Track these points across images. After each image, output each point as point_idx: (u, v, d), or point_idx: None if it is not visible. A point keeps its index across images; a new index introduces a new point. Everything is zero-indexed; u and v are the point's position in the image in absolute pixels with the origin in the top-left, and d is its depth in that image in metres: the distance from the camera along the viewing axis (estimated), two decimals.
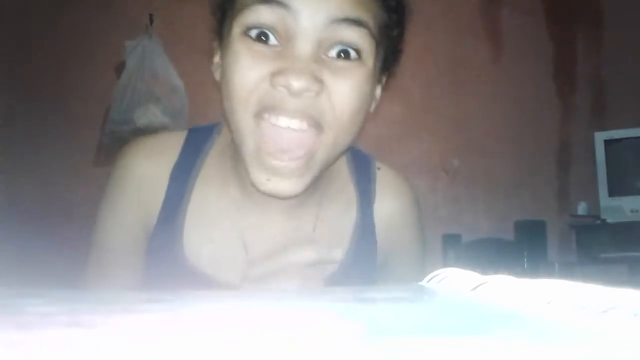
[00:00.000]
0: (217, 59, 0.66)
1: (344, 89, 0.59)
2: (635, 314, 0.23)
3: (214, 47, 0.67)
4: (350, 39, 0.59)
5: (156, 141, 0.73)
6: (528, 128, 2.62)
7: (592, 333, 0.22)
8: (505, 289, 0.30)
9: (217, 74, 0.65)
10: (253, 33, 0.58)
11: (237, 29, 0.59)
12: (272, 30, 0.58)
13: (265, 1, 0.58)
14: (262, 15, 0.58)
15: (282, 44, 0.58)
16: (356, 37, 0.59)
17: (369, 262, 0.72)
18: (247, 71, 0.58)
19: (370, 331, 0.21)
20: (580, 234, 2.37)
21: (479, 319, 0.26)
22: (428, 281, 0.39)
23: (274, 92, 0.57)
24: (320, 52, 0.59)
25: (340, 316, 0.25)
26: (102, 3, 2.40)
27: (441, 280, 0.38)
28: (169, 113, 2.22)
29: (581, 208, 2.49)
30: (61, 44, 2.35)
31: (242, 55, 0.58)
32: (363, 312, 0.27)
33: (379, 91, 0.69)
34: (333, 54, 0.59)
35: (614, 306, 0.24)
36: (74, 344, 0.18)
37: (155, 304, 0.29)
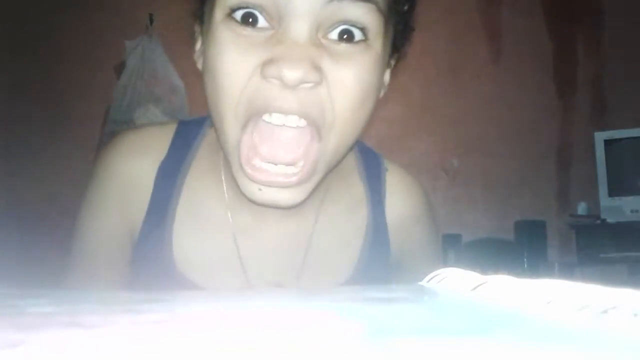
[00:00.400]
0: (198, 45, 0.58)
1: (347, 79, 0.50)
2: (635, 314, 0.23)
3: (196, 32, 0.59)
4: (355, 16, 0.50)
5: (142, 136, 0.65)
6: (528, 128, 2.63)
7: (592, 333, 0.22)
8: (505, 289, 0.30)
9: (200, 63, 0.57)
10: (238, 15, 0.50)
11: (219, 11, 0.51)
12: (260, 10, 0.50)
13: None
14: None
15: (274, 27, 0.50)
16: (361, 13, 0.50)
17: (382, 263, 0.67)
18: (233, 65, 0.49)
19: (370, 331, 0.21)
20: (580, 234, 2.37)
21: (479, 319, 0.26)
22: (428, 281, 0.39)
23: (266, 86, 0.49)
24: (319, 35, 0.50)
25: (340, 316, 0.25)
26: (102, 3, 2.40)
27: (441, 280, 0.38)
28: (169, 113, 2.22)
29: (581, 208, 2.49)
30: (61, 43, 2.35)
31: (226, 43, 0.50)
32: (363, 312, 0.27)
33: (388, 76, 0.61)
34: (334, 36, 0.50)
35: (614, 306, 0.24)
36: (74, 344, 0.18)
37: (155, 304, 0.29)
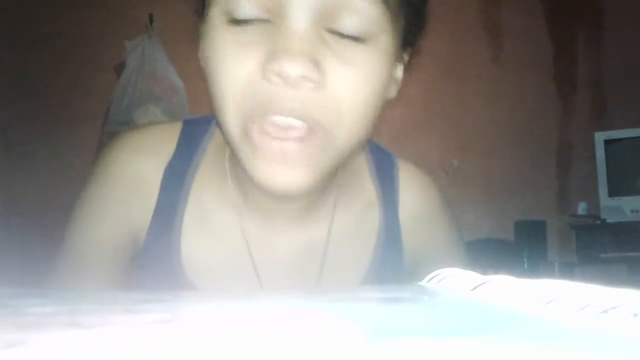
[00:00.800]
0: (201, 43, 0.56)
1: (350, 78, 0.47)
2: (635, 314, 0.23)
3: (199, 31, 0.55)
4: (360, 6, 0.46)
5: (147, 135, 0.62)
6: (528, 128, 2.63)
7: (592, 333, 0.22)
8: (505, 289, 0.30)
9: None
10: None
11: (215, 9, 0.48)
12: (258, 5, 0.47)
13: None
14: None
15: (272, 19, 0.46)
16: (366, 4, 0.46)
17: (395, 263, 0.63)
18: (232, 67, 0.46)
19: (370, 331, 0.21)
20: (580, 234, 2.37)
21: (479, 319, 0.25)
22: (428, 281, 0.39)
23: (268, 86, 0.46)
24: (320, 27, 0.46)
25: (340, 316, 0.25)
26: (102, 3, 2.40)
27: (441, 280, 0.38)
28: (168, 113, 2.22)
29: (581, 208, 2.49)
30: (61, 43, 2.35)
31: (224, 42, 0.47)
32: (363, 312, 0.27)
33: (400, 72, 0.56)
34: (337, 28, 0.47)
35: (614, 306, 0.24)
36: (73, 344, 0.18)
37: (155, 304, 0.29)
